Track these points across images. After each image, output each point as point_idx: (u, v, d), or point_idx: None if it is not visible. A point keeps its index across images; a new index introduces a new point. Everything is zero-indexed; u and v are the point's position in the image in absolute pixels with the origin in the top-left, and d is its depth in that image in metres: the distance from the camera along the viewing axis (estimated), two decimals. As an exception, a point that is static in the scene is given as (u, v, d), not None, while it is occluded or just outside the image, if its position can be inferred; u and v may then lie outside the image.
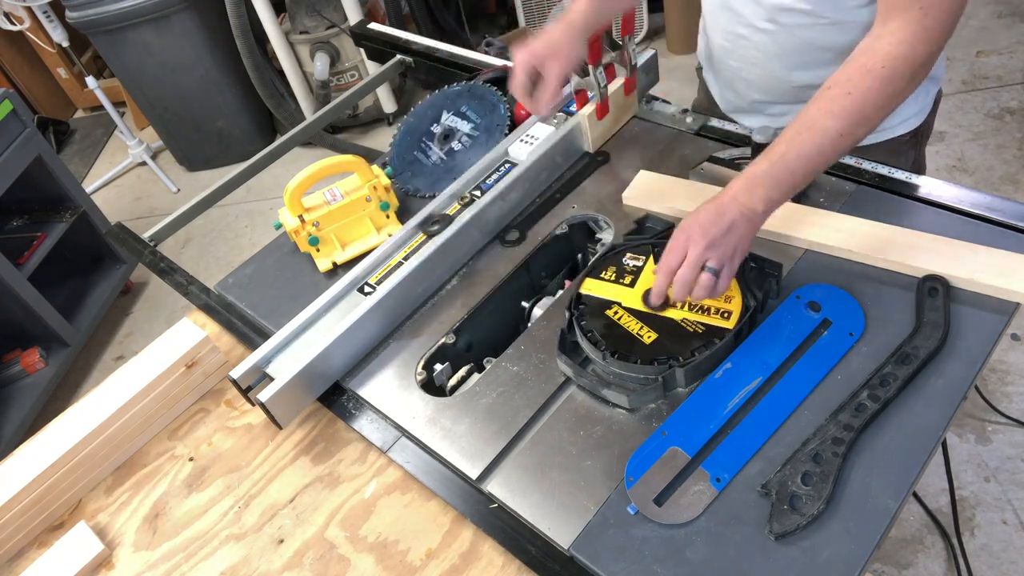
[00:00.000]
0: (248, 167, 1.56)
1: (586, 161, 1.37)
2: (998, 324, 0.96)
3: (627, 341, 0.99)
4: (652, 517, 0.85)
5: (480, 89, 1.46)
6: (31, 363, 2.59)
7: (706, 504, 0.84)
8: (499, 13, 3.98)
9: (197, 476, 1.09)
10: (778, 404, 0.92)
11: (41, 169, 2.64)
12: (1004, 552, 1.74)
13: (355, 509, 0.99)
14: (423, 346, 1.13)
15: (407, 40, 1.80)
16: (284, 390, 1.03)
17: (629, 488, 0.87)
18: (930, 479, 1.86)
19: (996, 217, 1.06)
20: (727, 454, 0.89)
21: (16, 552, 1.07)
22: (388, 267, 1.20)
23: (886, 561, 1.77)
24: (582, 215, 1.28)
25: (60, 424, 1.10)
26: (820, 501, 0.82)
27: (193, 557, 1.00)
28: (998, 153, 2.67)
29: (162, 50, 3.24)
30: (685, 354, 0.96)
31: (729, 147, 1.29)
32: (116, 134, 4.08)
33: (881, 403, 0.88)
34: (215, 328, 1.28)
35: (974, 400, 1.94)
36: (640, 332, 1.00)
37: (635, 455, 0.90)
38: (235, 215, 3.38)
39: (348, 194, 1.30)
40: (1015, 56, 3.03)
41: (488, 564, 0.91)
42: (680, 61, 3.42)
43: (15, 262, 2.48)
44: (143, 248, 1.42)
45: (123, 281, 3.01)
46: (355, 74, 3.42)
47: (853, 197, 1.15)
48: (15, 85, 4.07)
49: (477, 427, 0.99)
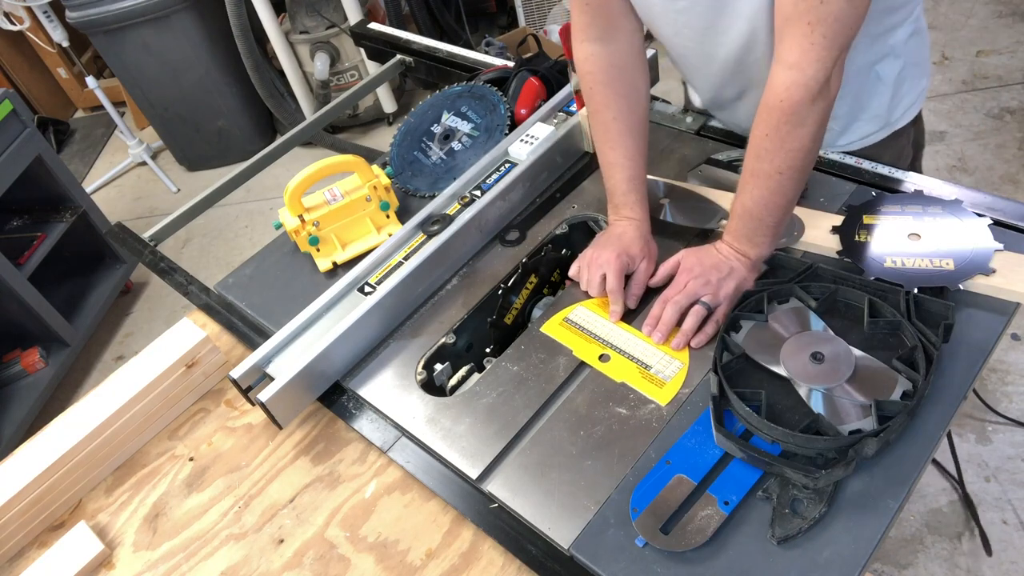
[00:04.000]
0: (248, 167, 1.56)
1: (586, 161, 1.37)
2: (998, 324, 0.96)
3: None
4: (660, 547, 0.82)
5: (480, 89, 1.46)
6: (31, 363, 2.59)
7: (715, 528, 0.82)
8: (499, 13, 3.97)
9: (197, 476, 1.09)
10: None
11: (41, 169, 2.64)
12: (1004, 552, 1.74)
13: (355, 509, 0.99)
14: (423, 346, 1.13)
15: (407, 40, 1.80)
16: (284, 390, 1.03)
17: (635, 519, 0.84)
18: (930, 479, 1.86)
19: (996, 217, 1.06)
20: (734, 477, 0.87)
21: (16, 552, 1.07)
22: (388, 267, 1.20)
23: (886, 561, 1.77)
24: (582, 215, 1.28)
25: (60, 424, 1.10)
26: (821, 504, 0.82)
27: (193, 557, 1.00)
28: (998, 153, 2.67)
29: (162, 50, 3.23)
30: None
31: (728, 147, 1.29)
32: (116, 134, 4.08)
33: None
34: (215, 328, 1.28)
35: (974, 400, 1.94)
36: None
37: (639, 486, 0.88)
38: (235, 215, 3.38)
39: (348, 194, 1.30)
40: (1015, 56, 3.03)
41: (488, 564, 0.90)
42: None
43: (15, 262, 2.48)
44: (143, 248, 1.42)
45: (123, 281, 3.01)
46: (355, 74, 3.42)
47: (853, 197, 1.15)
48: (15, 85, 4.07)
49: (477, 427, 0.99)
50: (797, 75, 0.89)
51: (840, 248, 1.06)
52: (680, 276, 1.06)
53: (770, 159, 0.95)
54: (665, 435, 0.93)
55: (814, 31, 0.87)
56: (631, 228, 1.12)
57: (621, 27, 1.10)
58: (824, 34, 0.87)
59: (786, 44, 0.90)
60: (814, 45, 0.87)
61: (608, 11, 1.09)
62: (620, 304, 1.08)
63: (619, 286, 1.08)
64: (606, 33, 1.10)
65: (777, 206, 0.99)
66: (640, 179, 1.14)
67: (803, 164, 0.95)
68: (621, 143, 1.12)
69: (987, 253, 1.00)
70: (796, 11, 0.87)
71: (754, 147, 0.96)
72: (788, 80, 0.90)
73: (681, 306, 1.03)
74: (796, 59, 0.89)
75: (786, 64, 0.90)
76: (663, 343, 1.03)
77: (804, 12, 0.86)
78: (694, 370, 0.99)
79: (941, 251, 1.01)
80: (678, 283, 1.05)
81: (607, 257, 1.09)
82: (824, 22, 0.86)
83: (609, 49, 1.11)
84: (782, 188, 0.97)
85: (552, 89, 1.47)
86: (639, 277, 1.10)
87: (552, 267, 1.28)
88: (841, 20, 0.86)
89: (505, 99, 1.43)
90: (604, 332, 1.06)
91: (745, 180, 0.99)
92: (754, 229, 1.01)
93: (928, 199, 1.09)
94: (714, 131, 1.34)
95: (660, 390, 0.97)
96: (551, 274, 1.28)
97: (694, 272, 1.04)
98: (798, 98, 0.90)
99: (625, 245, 1.10)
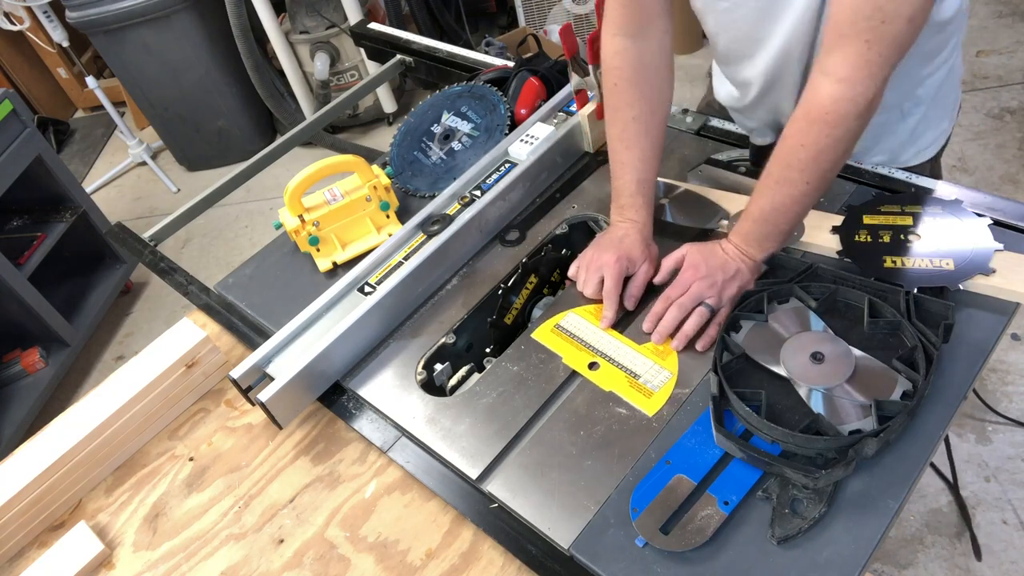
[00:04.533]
0: (248, 167, 1.56)
1: (586, 161, 1.37)
2: (998, 324, 0.96)
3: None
4: (660, 547, 0.82)
5: (480, 89, 1.46)
6: (31, 363, 2.59)
7: (715, 528, 0.82)
8: (499, 13, 3.97)
9: (197, 476, 1.09)
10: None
11: (41, 169, 2.64)
12: (1004, 552, 1.74)
13: (355, 509, 0.99)
14: (423, 346, 1.13)
15: (407, 40, 1.80)
16: (284, 390, 1.03)
17: (635, 519, 0.84)
18: (930, 479, 1.86)
19: (996, 217, 1.06)
20: (734, 477, 0.87)
21: (16, 552, 1.07)
22: (388, 267, 1.20)
23: (886, 561, 1.77)
24: (582, 215, 1.28)
25: (60, 424, 1.10)
26: (821, 504, 0.82)
27: (193, 557, 1.00)
28: (998, 153, 2.67)
29: (162, 50, 3.23)
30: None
31: (728, 148, 1.29)
32: (116, 134, 4.08)
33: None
34: (215, 328, 1.28)
35: (974, 400, 1.94)
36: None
37: (639, 486, 0.88)
38: (235, 215, 3.38)
39: (348, 194, 1.30)
40: (1015, 56, 3.03)
41: (488, 564, 0.91)
42: (680, 61, 3.41)
43: (15, 262, 2.48)
44: (143, 248, 1.42)
45: (123, 281, 3.01)
46: (355, 74, 3.42)
47: (853, 197, 1.15)
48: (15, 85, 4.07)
49: (477, 427, 0.99)
50: (846, 90, 0.88)
51: (840, 248, 1.06)
52: (684, 273, 1.05)
53: (801, 168, 0.94)
54: (665, 435, 0.93)
55: (871, 49, 0.86)
56: (633, 231, 1.11)
57: (655, 26, 1.09)
58: (881, 52, 0.86)
59: (836, 58, 0.88)
60: (869, 63, 0.87)
61: (645, 8, 1.08)
62: (613, 311, 1.07)
63: (615, 291, 1.07)
64: (640, 30, 1.09)
65: (796, 214, 0.99)
66: (649, 183, 1.13)
67: (831, 177, 0.95)
68: (637, 144, 1.11)
69: (987, 253, 1.00)
70: (855, 29, 0.86)
71: (785, 155, 0.95)
72: (836, 94, 0.89)
73: (685, 308, 1.02)
74: (847, 74, 0.88)
75: (836, 77, 0.89)
76: (661, 344, 1.02)
77: (864, 30, 0.85)
78: (691, 371, 0.99)
79: (941, 251, 1.01)
80: (682, 281, 1.04)
81: (606, 260, 1.09)
82: (883, 41, 0.86)
83: (640, 46, 1.09)
84: (806, 198, 0.97)
85: (552, 89, 1.47)
86: (638, 279, 1.10)
87: (552, 267, 1.28)
88: (899, 41, 0.86)
89: (505, 99, 1.43)
90: (594, 340, 1.05)
91: (767, 185, 0.98)
92: (767, 234, 1.01)
93: (928, 199, 1.09)
94: (714, 131, 1.34)
95: (648, 400, 0.97)
96: (551, 274, 1.28)
97: (700, 271, 1.03)
98: (844, 112, 0.89)
99: (626, 249, 1.10)
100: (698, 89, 1.52)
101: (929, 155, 1.23)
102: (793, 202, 0.97)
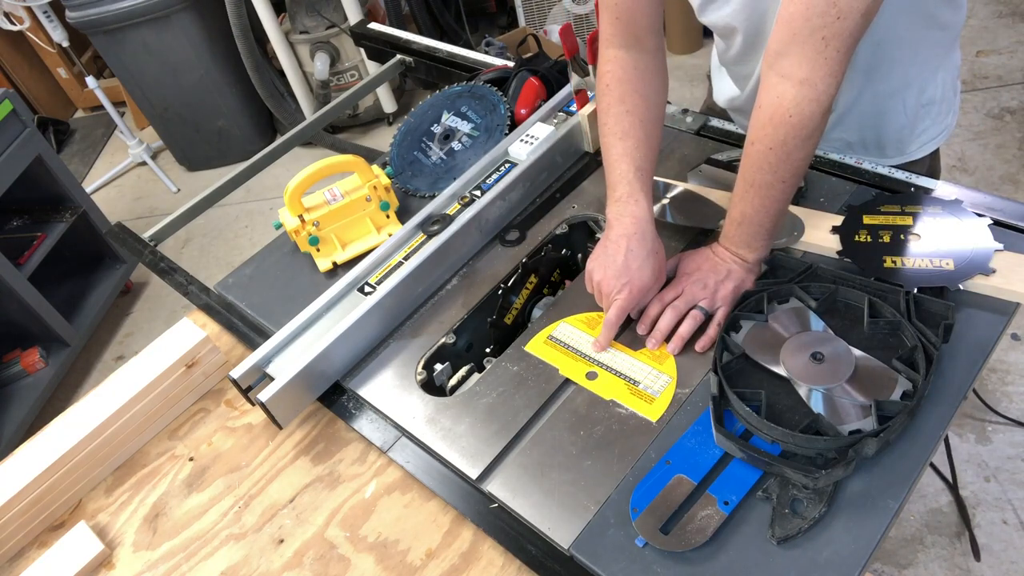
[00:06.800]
0: (248, 167, 1.56)
1: (586, 161, 1.37)
2: (998, 324, 0.96)
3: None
4: (660, 547, 0.82)
5: (480, 89, 1.46)
6: (31, 363, 2.59)
7: (715, 528, 0.82)
8: (499, 13, 3.98)
9: (197, 476, 1.09)
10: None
11: (41, 169, 2.64)
12: (1004, 552, 1.74)
13: (355, 509, 0.99)
14: (423, 346, 1.13)
15: (407, 40, 1.80)
16: (284, 390, 1.03)
17: (635, 519, 0.84)
18: (930, 479, 1.86)
19: (996, 217, 1.06)
20: (734, 477, 0.86)
21: (16, 552, 1.07)
22: (388, 267, 1.20)
23: (886, 561, 1.77)
24: (582, 215, 1.28)
25: (60, 424, 1.10)
26: (821, 504, 0.82)
27: (193, 557, 1.00)
28: (998, 153, 2.67)
29: (162, 50, 3.24)
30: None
31: (728, 148, 1.29)
32: (116, 134, 4.08)
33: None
34: (215, 328, 1.28)
35: (974, 400, 1.94)
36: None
37: (639, 486, 0.88)
38: (235, 215, 3.38)
39: (348, 194, 1.30)
40: (1015, 56, 3.03)
41: (488, 564, 0.91)
42: (680, 61, 3.41)
43: (15, 262, 2.48)
44: (143, 248, 1.42)
45: (123, 281, 3.01)
46: (355, 74, 3.42)
47: (853, 197, 1.15)
48: (15, 85, 4.07)
49: (477, 427, 0.99)
50: (808, 91, 0.88)
51: (840, 248, 1.06)
52: (678, 280, 1.06)
53: (773, 171, 0.94)
54: (665, 435, 0.93)
55: (828, 46, 0.85)
56: (635, 241, 1.03)
57: (646, 44, 1.09)
58: (838, 48, 0.85)
59: (793, 59, 0.88)
60: (828, 60, 0.86)
61: (635, 28, 1.08)
62: (607, 340, 1.04)
63: (617, 324, 1.03)
64: (633, 43, 1.09)
65: (778, 211, 0.99)
66: (648, 172, 1.08)
67: (804, 167, 0.95)
68: (632, 134, 1.07)
69: (987, 253, 1.00)
70: (808, 26, 0.85)
71: (755, 159, 0.95)
72: (799, 96, 0.88)
73: (680, 311, 1.03)
74: (807, 75, 0.87)
75: (796, 80, 0.88)
76: (657, 349, 1.02)
77: (819, 27, 0.84)
78: (690, 371, 0.99)
79: (941, 251, 1.01)
80: (676, 286, 1.05)
81: (627, 293, 1.02)
82: (839, 37, 0.85)
83: (633, 55, 1.09)
84: (784, 195, 0.97)
85: (552, 89, 1.47)
86: (650, 310, 1.06)
87: (552, 267, 1.28)
88: (854, 34, 0.85)
89: (505, 99, 1.43)
90: (589, 349, 1.05)
91: (744, 190, 0.98)
92: (753, 234, 1.01)
93: (928, 199, 1.09)
94: (714, 131, 1.34)
95: (650, 406, 0.96)
96: (551, 274, 1.28)
97: (692, 276, 1.05)
98: (810, 112, 0.89)
99: (637, 279, 1.02)
100: (698, 89, 1.52)
101: (930, 149, 1.23)
102: (772, 201, 0.97)
